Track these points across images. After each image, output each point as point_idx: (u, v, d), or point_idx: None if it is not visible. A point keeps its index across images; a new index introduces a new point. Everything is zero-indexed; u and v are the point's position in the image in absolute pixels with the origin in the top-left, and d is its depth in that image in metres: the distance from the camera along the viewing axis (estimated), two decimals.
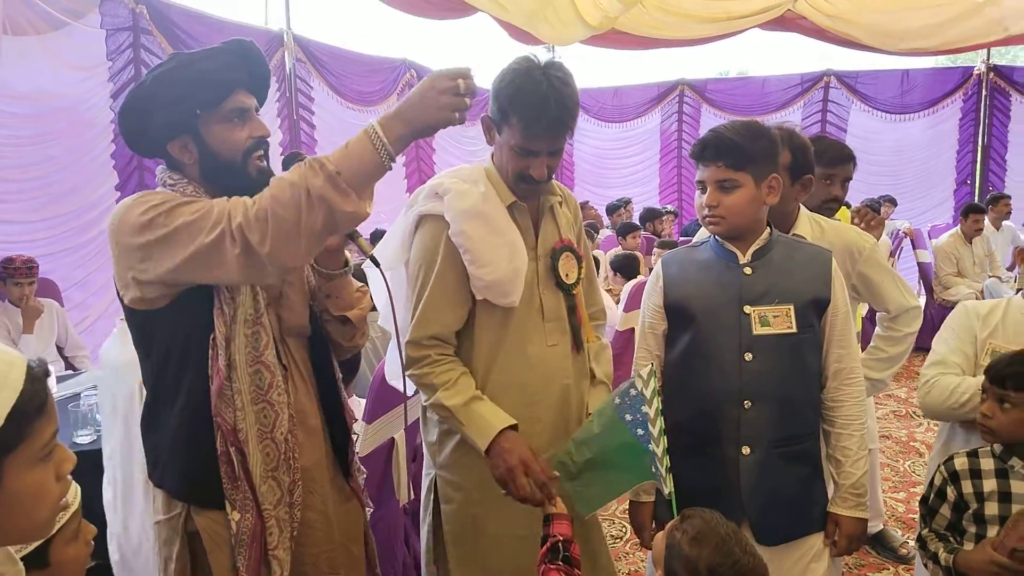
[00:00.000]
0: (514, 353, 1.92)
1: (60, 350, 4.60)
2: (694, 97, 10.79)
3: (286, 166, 1.56)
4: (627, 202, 9.13)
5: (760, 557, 1.38)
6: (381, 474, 2.63)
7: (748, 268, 1.89)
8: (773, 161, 1.88)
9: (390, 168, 1.50)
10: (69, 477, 1.03)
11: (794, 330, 1.84)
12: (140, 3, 5.40)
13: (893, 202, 9.01)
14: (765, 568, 1.37)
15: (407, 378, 1.89)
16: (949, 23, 7.49)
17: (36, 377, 0.92)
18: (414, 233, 1.94)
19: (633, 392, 1.71)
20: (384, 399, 2.46)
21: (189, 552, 1.67)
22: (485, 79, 1.80)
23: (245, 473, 1.61)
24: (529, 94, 1.74)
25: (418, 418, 2.96)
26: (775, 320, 1.85)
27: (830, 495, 1.94)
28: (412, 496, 2.77)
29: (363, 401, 2.56)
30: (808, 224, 2.39)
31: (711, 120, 10.42)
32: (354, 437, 1.97)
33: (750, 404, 1.85)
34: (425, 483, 2.08)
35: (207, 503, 1.64)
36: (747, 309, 1.86)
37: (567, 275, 1.98)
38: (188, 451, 1.63)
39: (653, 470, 1.70)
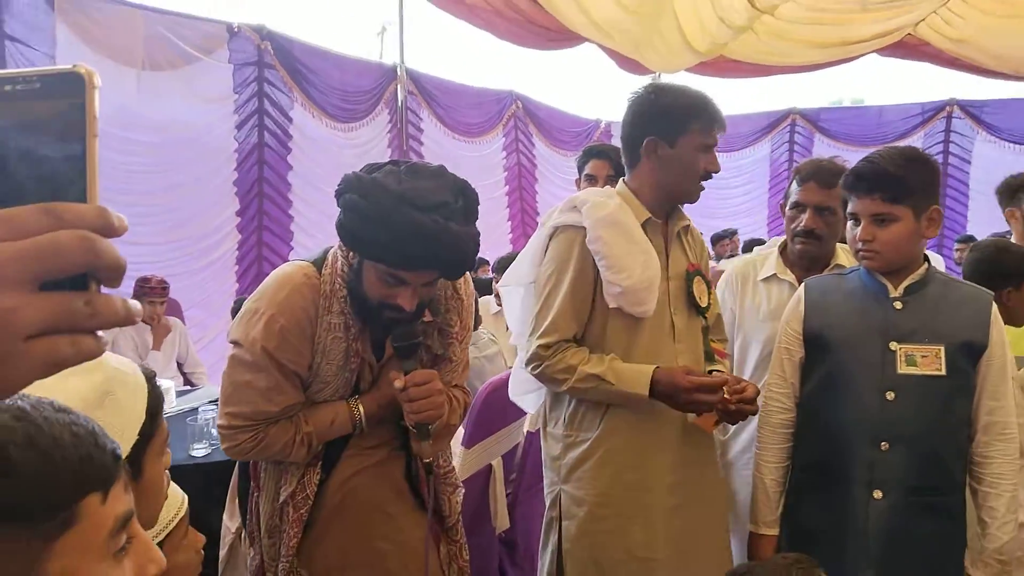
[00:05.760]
0: None
1: (180, 366, 4.80)
2: (806, 127, 10.46)
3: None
4: (733, 233, 8.91)
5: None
6: (476, 501, 2.61)
7: (899, 303, 1.78)
8: (934, 191, 1.76)
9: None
10: (175, 486, 1.15)
11: (943, 373, 1.71)
12: (265, 39, 5.71)
13: None
14: None
15: (536, 376, 1.93)
16: None
17: (150, 377, 1.05)
18: (546, 247, 1.99)
19: None
20: (485, 424, 2.46)
21: None
22: (599, 110, 1.84)
23: (257, 516, 1.71)
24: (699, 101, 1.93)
25: (516, 445, 2.99)
26: (923, 360, 1.72)
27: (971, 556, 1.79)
28: (508, 524, 2.76)
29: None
30: (845, 256, 2.26)
31: (824, 150, 10.07)
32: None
33: (888, 446, 1.74)
34: (548, 500, 2.05)
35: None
36: (893, 346, 1.75)
37: (700, 297, 1.98)
38: (241, 483, 1.81)
39: None
